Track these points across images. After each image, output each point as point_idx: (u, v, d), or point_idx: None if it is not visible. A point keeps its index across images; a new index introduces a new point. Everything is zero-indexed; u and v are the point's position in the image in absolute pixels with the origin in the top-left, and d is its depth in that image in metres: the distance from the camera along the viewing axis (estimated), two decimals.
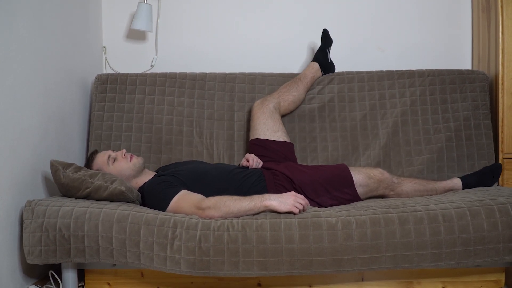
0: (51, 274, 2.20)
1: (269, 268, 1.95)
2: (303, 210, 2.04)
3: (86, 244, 2.01)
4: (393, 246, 1.97)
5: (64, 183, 2.18)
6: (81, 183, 2.17)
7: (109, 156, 2.35)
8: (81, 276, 2.23)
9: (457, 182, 2.52)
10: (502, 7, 2.69)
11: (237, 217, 2.03)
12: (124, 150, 2.38)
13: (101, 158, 2.37)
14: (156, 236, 1.97)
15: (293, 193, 2.07)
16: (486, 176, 2.54)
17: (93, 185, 2.16)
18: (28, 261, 2.03)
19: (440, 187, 2.50)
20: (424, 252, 1.98)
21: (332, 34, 2.89)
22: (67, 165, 2.22)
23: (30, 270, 2.19)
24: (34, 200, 2.08)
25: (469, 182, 2.51)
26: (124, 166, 2.33)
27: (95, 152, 2.42)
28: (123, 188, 2.16)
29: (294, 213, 2.01)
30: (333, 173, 2.41)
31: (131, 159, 2.35)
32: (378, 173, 2.43)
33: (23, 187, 2.17)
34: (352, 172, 2.40)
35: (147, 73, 2.91)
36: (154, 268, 2.00)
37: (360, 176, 2.40)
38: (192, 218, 2.01)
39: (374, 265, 1.98)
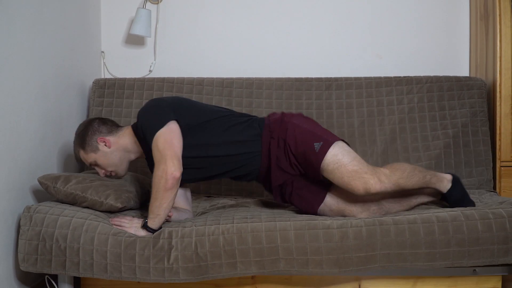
0: (47, 279, 2.18)
1: (266, 267, 1.97)
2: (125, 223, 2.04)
3: (81, 257, 1.96)
4: (388, 244, 1.98)
5: (59, 198, 2.14)
6: (74, 198, 2.11)
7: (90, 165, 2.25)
8: (77, 281, 2.21)
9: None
10: (500, 15, 2.69)
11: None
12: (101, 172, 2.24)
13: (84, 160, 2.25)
14: (153, 248, 1.96)
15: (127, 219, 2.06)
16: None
17: (87, 200, 2.10)
18: (22, 268, 2.00)
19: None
20: (418, 251, 1.98)
21: (330, 40, 2.88)
22: (55, 179, 2.13)
23: (26, 276, 2.17)
24: (32, 206, 2.04)
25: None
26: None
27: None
28: (119, 205, 2.11)
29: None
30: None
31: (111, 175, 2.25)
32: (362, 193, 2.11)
33: (21, 191, 2.16)
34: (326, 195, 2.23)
35: (145, 77, 2.91)
36: (152, 281, 1.97)
37: (332, 202, 2.22)
38: (185, 227, 2.00)
39: (369, 264, 1.98)
